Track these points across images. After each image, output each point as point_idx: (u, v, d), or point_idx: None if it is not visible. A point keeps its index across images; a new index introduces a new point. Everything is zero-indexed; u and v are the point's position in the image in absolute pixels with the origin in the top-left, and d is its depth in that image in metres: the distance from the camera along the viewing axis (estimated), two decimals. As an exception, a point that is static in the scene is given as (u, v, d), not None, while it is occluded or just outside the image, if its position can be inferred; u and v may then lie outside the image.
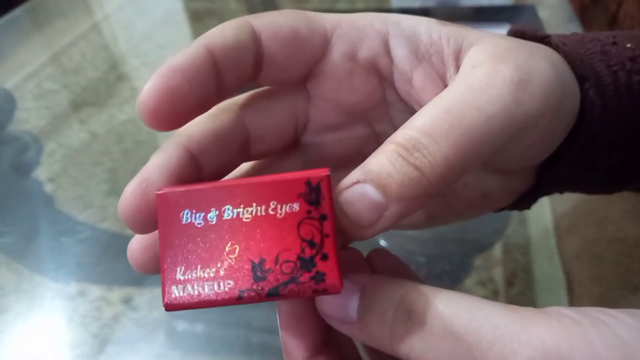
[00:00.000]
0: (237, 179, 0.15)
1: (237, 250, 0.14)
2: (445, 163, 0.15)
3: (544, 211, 0.44)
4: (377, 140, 0.21)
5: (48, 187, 0.51)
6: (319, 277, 0.14)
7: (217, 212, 0.14)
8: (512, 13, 0.62)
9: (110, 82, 0.67)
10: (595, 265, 0.40)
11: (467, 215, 0.23)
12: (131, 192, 0.16)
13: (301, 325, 0.17)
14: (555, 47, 0.20)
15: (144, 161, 0.17)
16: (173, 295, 0.14)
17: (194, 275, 0.14)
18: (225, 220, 0.14)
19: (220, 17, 0.79)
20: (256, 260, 0.14)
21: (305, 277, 0.14)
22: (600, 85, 0.20)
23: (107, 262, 0.43)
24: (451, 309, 0.14)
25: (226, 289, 0.14)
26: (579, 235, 0.43)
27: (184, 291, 0.14)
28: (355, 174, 0.16)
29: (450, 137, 0.15)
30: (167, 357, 0.36)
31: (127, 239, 0.17)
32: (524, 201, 0.23)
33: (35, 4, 0.84)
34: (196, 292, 0.14)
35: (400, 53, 0.19)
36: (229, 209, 0.14)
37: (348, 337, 0.19)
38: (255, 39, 0.18)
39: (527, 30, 0.21)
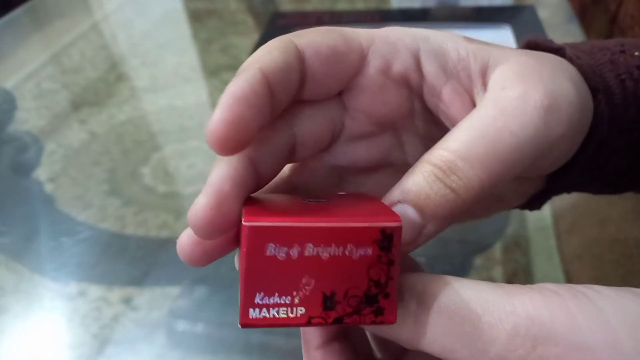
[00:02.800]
0: (319, 218, 0.15)
1: (312, 283, 0.15)
2: (480, 185, 0.17)
3: (544, 211, 0.43)
4: (401, 148, 0.22)
5: (48, 187, 0.51)
6: (379, 311, 0.15)
7: (299, 248, 0.15)
8: (512, 13, 0.62)
9: (109, 82, 0.67)
10: (596, 265, 0.40)
11: (480, 215, 0.25)
12: (207, 204, 0.16)
13: None
14: (569, 60, 0.21)
15: (144, 161, 0.17)
16: (250, 317, 0.15)
17: (271, 301, 0.15)
18: (306, 256, 0.15)
19: (220, 16, 0.79)
20: (327, 293, 0.15)
21: (367, 311, 0.15)
22: (610, 95, 0.21)
23: (107, 262, 0.43)
24: (444, 290, 0.15)
25: (298, 314, 0.15)
26: (580, 236, 0.42)
27: (259, 314, 0.15)
28: (395, 194, 0.17)
29: (485, 162, 0.17)
30: (167, 358, 0.36)
31: (127, 239, 0.18)
32: (535, 202, 0.25)
33: (35, 4, 0.84)
34: (271, 315, 0.15)
35: (430, 69, 0.20)
36: (310, 247, 0.15)
37: (361, 329, 0.21)
38: (300, 58, 0.19)
39: (541, 41, 0.22)
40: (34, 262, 0.44)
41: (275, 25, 0.63)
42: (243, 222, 0.15)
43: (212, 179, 0.17)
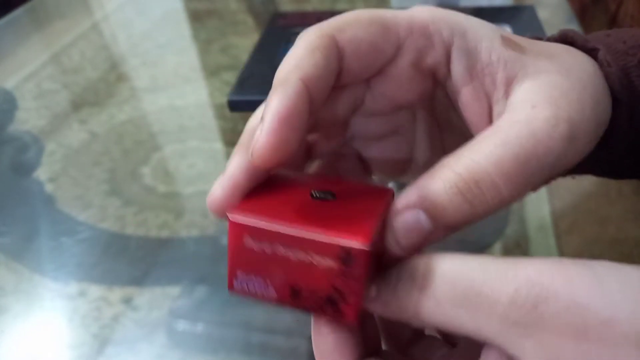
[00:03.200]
0: (297, 223, 0.17)
1: (282, 276, 0.17)
2: (500, 203, 0.17)
3: (544, 211, 0.44)
4: (412, 122, 0.23)
5: (48, 187, 0.51)
6: (339, 313, 0.17)
7: (272, 247, 0.17)
8: (512, 13, 0.62)
9: (110, 82, 0.67)
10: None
11: None
12: (221, 197, 0.18)
13: None
14: (600, 64, 0.21)
15: (144, 161, 0.18)
16: (234, 286, 0.17)
17: (249, 279, 0.17)
18: (278, 254, 0.17)
19: (220, 16, 0.79)
20: (295, 288, 0.17)
21: (329, 310, 0.17)
22: (635, 104, 0.21)
23: (107, 262, 0.43)
24: (447, 263, 0.16)
25: (270, 295, 0.17)
26: (579, 235, 0.43)
27: (240, 285, 0.17)
28: (412, 199, 0.17)
29: (513, 183, 0.17)
30: (167, 357, 0.36)
31: (127, 239, 0.18)
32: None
33: (35, 4, 0.84)
34: (250, 289, 0.17)
35: (457, 68, 0.20)
36: (281, 248, 0.17)
37: (371, 319, 0.21)
38: (340, 58, 0.19)
39: (578, 39, 0.22)
40: (34, 262, 0.44)
41: (275, 25, 0.63)
42: (227, 214, 0.17)
43: (230, 170, 0.18)
